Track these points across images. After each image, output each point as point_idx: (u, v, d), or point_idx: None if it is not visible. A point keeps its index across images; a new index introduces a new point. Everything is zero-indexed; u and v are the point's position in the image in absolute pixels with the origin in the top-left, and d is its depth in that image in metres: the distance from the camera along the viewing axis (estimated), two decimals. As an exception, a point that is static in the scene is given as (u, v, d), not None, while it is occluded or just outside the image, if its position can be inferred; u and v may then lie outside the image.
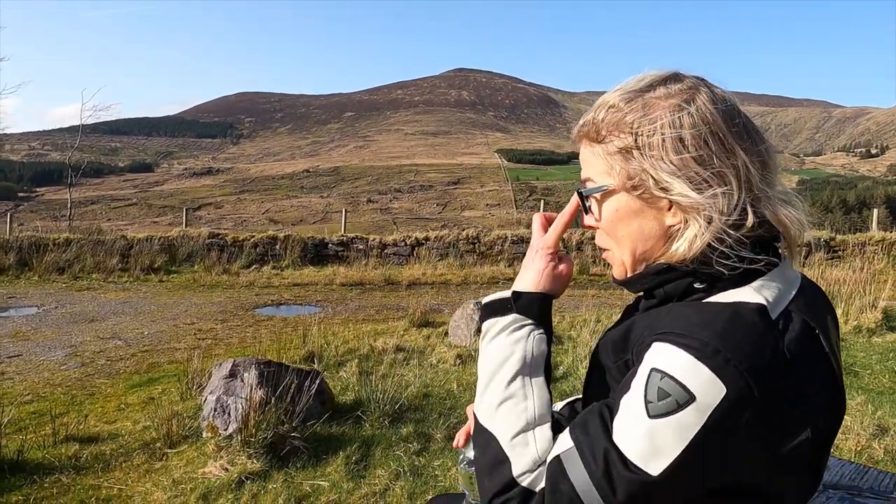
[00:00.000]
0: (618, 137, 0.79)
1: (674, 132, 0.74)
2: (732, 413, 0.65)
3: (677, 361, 0.67)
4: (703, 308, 0.73)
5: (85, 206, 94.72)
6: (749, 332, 0.68)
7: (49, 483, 2.69)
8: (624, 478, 0.67)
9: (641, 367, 0.70)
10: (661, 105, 0.77)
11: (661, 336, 0.70)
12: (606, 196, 0.82)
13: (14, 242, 10.53)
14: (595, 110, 0.83)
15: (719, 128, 0.75)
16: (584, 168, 0.85)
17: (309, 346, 4.84)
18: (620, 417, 0.70)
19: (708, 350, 0.66)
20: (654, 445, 0.66)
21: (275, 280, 10.32)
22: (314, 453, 2.93)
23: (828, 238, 11.94)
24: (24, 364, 4.83)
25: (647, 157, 0.76)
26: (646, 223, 0.79)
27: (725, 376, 0.65)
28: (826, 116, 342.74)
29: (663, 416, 0.66)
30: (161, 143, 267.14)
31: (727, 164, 0.74)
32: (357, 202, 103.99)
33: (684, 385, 0.65)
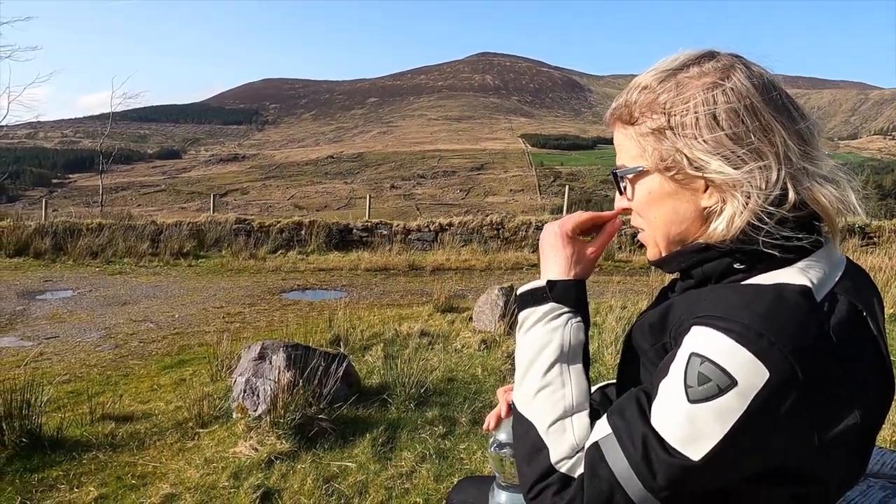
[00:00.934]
0: (650, 118, 0.78)
1: (707, 110, 0.73)
2: (776, 397, 0.63)
3: (718, 345, 0.66)
4: (744, 290, 0.72)
5: (116, 193, 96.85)
6: (793, 314, 0.67)
7: (87, 459, 2.79)
8: (664, 462, 0.66)
9: (681, 351, 0.69)
10: (694, 84, 0.75)
11: (701, 319, 0.69)
12: (640, 178, 0.81)
13: (49, 228, 10.83)
14: (628, 92, 0.82)
15: (755, 104, 0.73)
16: (619, 151, 0.85)
17: (335, 329, 4.90)
18: (659, 402, 0.69)
19: (750, 334, 0.65)
20: (695, 430, 0.65)
21: (300, 265, 10.44)
22: (341, 435, 2.97)
23: (863, 224, 11.61)
24: (62, 345, 4.98)
25: (680, 136, 0.75)
26: (680, 205, 0.78)
27: (768, 360, 0.63)
28: (863, 98, 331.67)
29: (704, 401, 0.65)
30: (188, 130, 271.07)
31: (764, 140, 0.72)
32: (381, 188, 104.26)
33: (725, 369, 0.64)
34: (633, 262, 10.82)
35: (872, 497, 1.17)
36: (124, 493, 2.50)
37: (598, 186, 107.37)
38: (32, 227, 10.74)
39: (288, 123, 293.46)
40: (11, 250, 10.14)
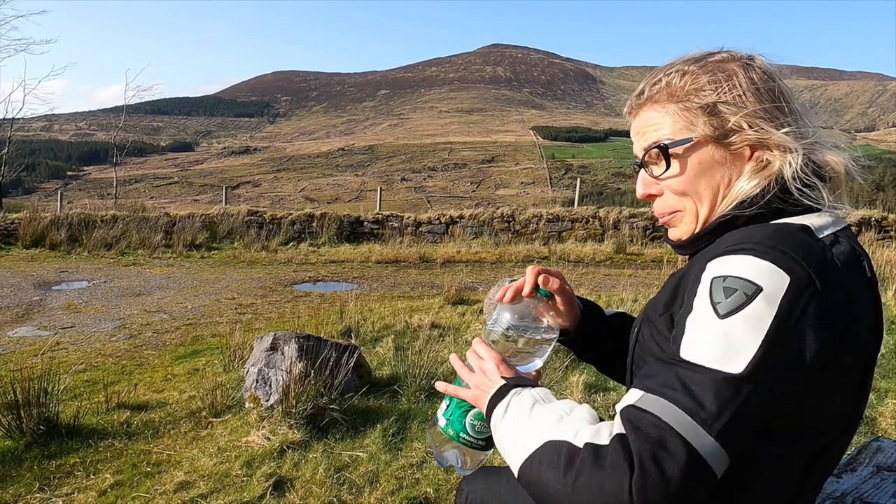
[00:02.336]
0: (697, 95, 0.82)
1: (752, 85, 0.81)
2: (800, 300, 0.65)
3: (736, 263, 0.69)
4: (749, 228, 0.77)
5: (129, 185, 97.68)
6: (798, 237, 0.71)
7: (103, 447, 2.83)
8: (705, 383, 0.64)
9: (701, 287, 0.71)
10: (731, 66, 0.83)
11: (713, 258, 0.72)
12: (689, 150, 0.83)
13: (65, 219, 10.95)
14: (663, 76, 0.86)
15: (779, 82, 0.83)
16: (650, 131, 0.86)
17: (346, 321, 4.92)
18: (689, 334, 0.69)
19: (763, 247, 0.68)
20: (731, 344, 0.65)
21: (312, 257, 10.49)
22: (352, 425, 3.00)
23: (879, 217, 11.43)
24: (77, 335, 5.05)
25: (734, 107, 0.80)
26: (725, 172, 0.82)
27: (785, 265, 0.67)
28: (881, 90, 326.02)
29: (735, 312, 0.65)
30: (200, 123, 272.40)
31: (791, 109, 0.82)
32: (391, 181, 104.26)
33: (748, 278, 0.66)
34: (645, 255, 10.75)
35: (886, 490, 1.17)
36: (139, 481, 2.53)
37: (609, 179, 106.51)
38: (48, 218, 10.87)
39: (299, 116, 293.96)
40: (28, 241, 10.28)
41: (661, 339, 0.79)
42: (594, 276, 8.40)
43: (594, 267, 9.58)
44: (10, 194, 48.32)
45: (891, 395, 3.34)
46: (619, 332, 1.06)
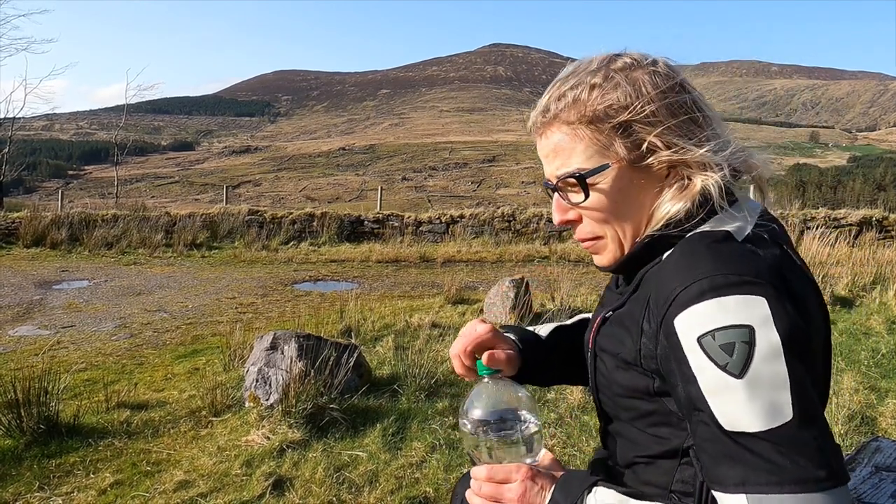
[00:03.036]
0: (609, 114, 0.77)
1: (663, 98, 0.76)
2: (783, 310, 0.65)
3: (706, 314, 0.65)
4: (678, 254, 0.74)
5: (130, 184, 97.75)
6: (734, 252, 0.70)
7: (103, 446, 2.83)
8: (782, 447, 0.61)
9: (687, 351, 0.66)
10: (638, 76, 0.78)
11: (671, 310, 0.68)
12: (605, 176, 0.78)
13: (66, 218, 10.97)
14: (569, 91, 0.80)
15: (689, 88, 0.79)
16: (562, 157, 0.81)
17: (346, 320, 4.92)
18: (718, 406, 0.64)
19: (717, 282, 0.66)
20: (767, 398, 0.62)
21: (312, 256, 10.49)
22: (352, 425, 3.00)
23: (880, 217, 11.42)
24: (78, 334, 5.06)
25: (647, 125, 0.76)
26: (645, 195, 0.79)
27: (748, 290, 0.65)
28: (882, 89, 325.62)
29: (749, 364, 0.62)
30: (201, 122, 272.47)
31: (706, 118, 0.79)
32: (392, 180, 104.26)
33: (732, 324, 0.63)
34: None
35: (885, 490, 1.17)
36: (139, 480, 2.54)
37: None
38: (49, 217, 10.88)
39: (300, 115, 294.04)
40: (29, 241, 10.29)
41: (621, 372, 0.79)
42: (594, 275, 8.39)
43: (594, 266, 9.56)
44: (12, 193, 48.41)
45: (891, 395, 3.34)
46: (563, 348, 1.02)
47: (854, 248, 7.99)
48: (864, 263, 6.48)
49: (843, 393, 3.25)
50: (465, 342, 0.88)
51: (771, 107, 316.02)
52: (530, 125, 0.85)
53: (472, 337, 0.88)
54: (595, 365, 0.86)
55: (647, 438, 0.80)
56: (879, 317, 4.84)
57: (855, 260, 6.67)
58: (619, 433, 0.85)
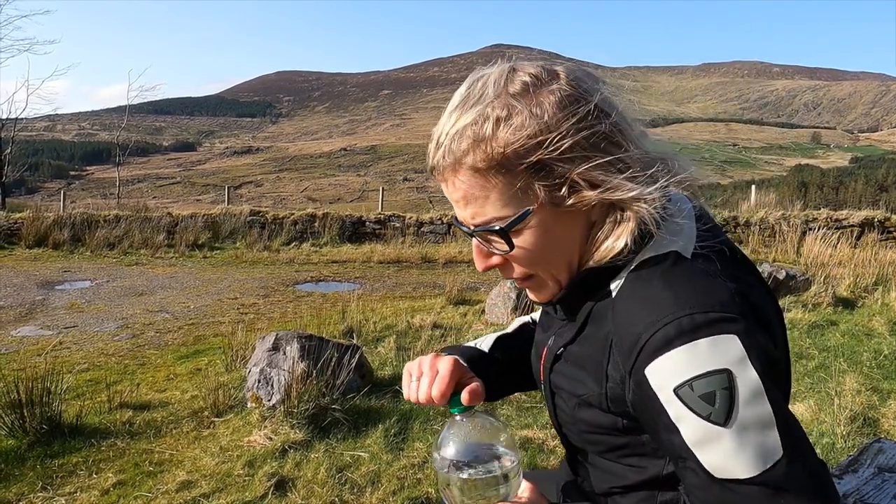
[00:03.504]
0: (520, 155, 0.67)
1: (578, 122, 0.67)
2: (755, 343, 0.62)
3: (678, 361, 0.61)
4: (632, 290, 0.69)
5: (132, 185, 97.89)
6: (689, 280, 0.66)
7: (106, 446, 2.84)
8: (770, 492, 0.59)
9: (664, 403, 0.63)
10: (544, 99, 0.68)
11: (640, 359, 0.64)
12: (528, 221, 0.70)
13: (67, 219, 10.98)
14: (470, 128, 0.69)
15: (601, 105, 0.70)
16: (475, 205, 0.71)
17: (348, 321, 4.93)
18: (705, 456, 0.61)
19: (684, 325, 0.61)
20: (757, 438, 0.60)
21: (314, 257, 10.50)
22: (354, 425, 3.00)
23: (882, 218, 11.40)
24: (80, 335, 5.07)
25: (565, 162, 0.67)
26: (574, 231, 0.72)
27: (717, 328, 0.61)
28: (884, 90, 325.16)
29: (732, 411, 0.59)
30: (203, 123, 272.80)
31: (627, 136, 0.70)
32: (393, 181, 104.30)
33: (710, 370, 0.60)
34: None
35: (887, 491, 1.17)
36: (142, 480, 2.54)
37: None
38: (51, 218, 10.89)
39: (301, 116, 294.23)
40: (31, 241, 10.30)
41: (595, 412, 0.74)
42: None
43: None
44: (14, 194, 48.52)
45: (893, 397, 3.33)
46: (509, 360, 0.99)
47: (856, 249, 7.98)
48: (866, 264, 6.47)
49: (846, 394, 3.24)
50: (442, 387, 0.77)
51: (773, 107, 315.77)
52: (429, 164, 0.74)
53: (446, 377, 0.78)
54: (554, 402, 0.81)
55: (622, 469, 0.76)
56: (881, 318, 4.83)
57: (857, 261, 6.67)
58: (591, 463, 0.81)
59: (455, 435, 0.76)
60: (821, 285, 5.48)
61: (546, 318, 0.90)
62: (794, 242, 9.25)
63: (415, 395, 0.81)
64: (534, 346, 0.93)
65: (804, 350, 4.16)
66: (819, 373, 3.71)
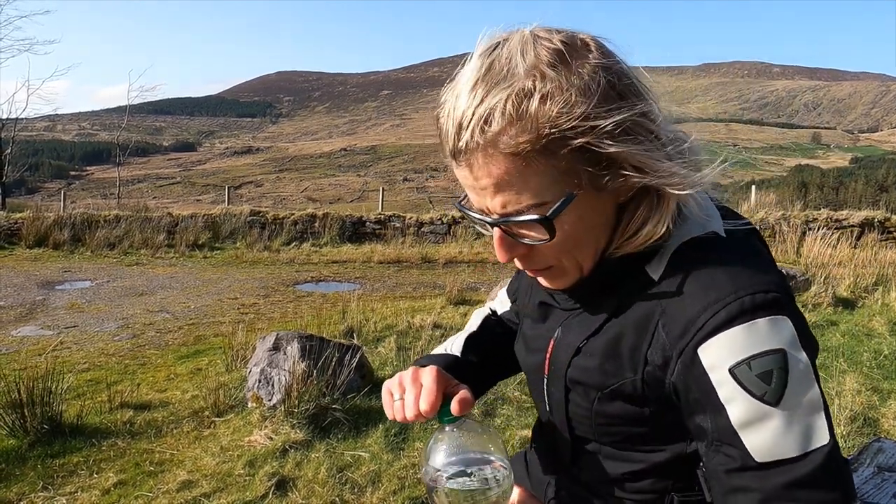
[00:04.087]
0: (565, 132, 0.60)
1: (624, 103, 0.62)
2: (804, 327, 0.63)
3: (737, 341, 0.60)
4: (681, 273, 0.67)
5: (132, 185, 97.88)
6: (742, 261, 0.66)
7: (107, 446, 2.84)
8: (812, 479, 0.59)
9: (716, 384, 0.61)
10: (589, 76, 0.61)
11: (694, 339, 0.62)
12: (568, 207, 0.64)
13: (68, 219, 10.98)
14: (507, 105, 0.60)
15: (633, 77, 0.65)
16: (509, 190, 0.64)
17: (348, 321, 4.93)
18: (747, 440, 0.60)
19: (746, 305, 0.61)
20: (804, 422, 0.59)
21: (314, 257, 10.50)
22: (354, 425, 3.00)
23: (882, 218, 11.40)
24: (81, 335, 5.07)
25: (611, 142, 0.61)
26: (607, 214, 0.68)
27: (774, 308, 0.61)
28: (884, 90, 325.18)
29: (784, 391, 0.59)
30: (203, 123, 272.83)
31: (659, 116, 0.66)
32: (393, 181, 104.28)
33: (765, 350, 0.59)
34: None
35: (887, 490, 1.17)
36: (142, 480, 2.54)
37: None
38: (51, 218, 10.90)
39: (301, 116, 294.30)
40: (31, 241, 10.31)
41: (620, 405, 0.72)
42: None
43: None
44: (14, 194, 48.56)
45: (893, 397, 3.34)
46: (482, 361, 0.96)
47: (856, 249, 7.99)
48: (867, 265, 6.48)
49: (846, 394, 3.25)
50: (431, 399, 0.72)
51: (773, 108, 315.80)
52: (448, 148, 0.65)
53: (433, 389, 0.73)
54: (567, 397, 0.77)
55: (637, 455, 0.75)
56: (882, 318, 4.84)
57: (857, 261, 6.67)
58: (599, 453, 0.79)
59: (445, 445, 0.73)
60: (821, 285, 5.48)
61: (539, 310, 0.84)
62: (794, 242, 9.25)
63: (401, 414, 0.75)
64: (523, 340, 0.89)
65: (804, 350, 4.17)
66: (819, 373, 3.71)
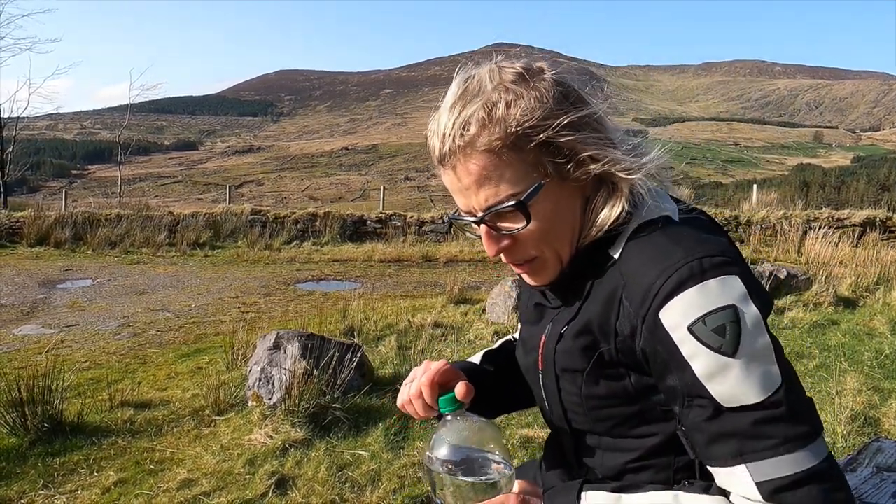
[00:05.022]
0: (530, 130, 0.73)
1: (571, 107, 0.75)
2: (754, 283, 0.70)
3: (691, 300, 0.67)
4: (636, 249, 0.75)
5: (133, 184, 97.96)
6: (689, 234, 0.73)
7: (107, 445, 2.85)
8: (776, 414, 0.65)
9: (676, 341, 0.68)
10: (541, 85, 0.75)
11: (654, 304, 0.69)
12: (540, 195, 0.75)
13: (69, 218, 11.01)
14: (482, 112, 0.73)
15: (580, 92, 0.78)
16: (489, 185, 0.75)
17: (349, 320, 4.94)
18: (713, 391, 0.67)
19: (695, 268, 0.68)
20: (760, 368, 0.66)
21: (315, 256, 10.51)
22: (354, 424, 3.01)
23: (884, 217, 11.39)
24: (82, 333, 5.08)
25: (568, 138, 0.74)
26: (576, 204, 0.79)
27: (722, 270, 0.68)
28: (886, 89, 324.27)
29: (740, 343, 0.66)
30: (204, 122, 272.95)
31: (601, 121, 0.78)
32: (395, 180, 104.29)
33: (720, 306, 0.66)
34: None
35: (886, 490, 1.17)
36: (143, 478, 2.55)
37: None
38: (53, 217, 10.92)
39: (303, 115, 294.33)
40: (33, 240, 10.33)
41: (605, 382, 0.77)
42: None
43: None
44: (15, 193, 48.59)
45: (894, 396, 3.33)
46: (500, 373, 1.01)
47: (857, 248, 7.97)
48: (868, 264, 6.47)
49: (846, 394, 3.24)
50: (430, 375, 0.82)
51: (774, 107, 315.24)
52: (436, 155, 0.77)
53: (433, 371, 0.83)
54: (559, 386, 0.83)
55: (632, 442, 0.78)
56: (883, 317, 4.83)
57: (858, 260, 6.66)
58: (599, 446, 0.83)
59: (447, 435, 0.76)
60: (822, 285, 5.48)
61: (535, 312, 0.92)
62: (796, 242, 9.25)
63: (405, 396, 0.85)
64: (521, 344, 0.96)
65: (805, 349, 4.16)
66: (820, 372, 3.71)
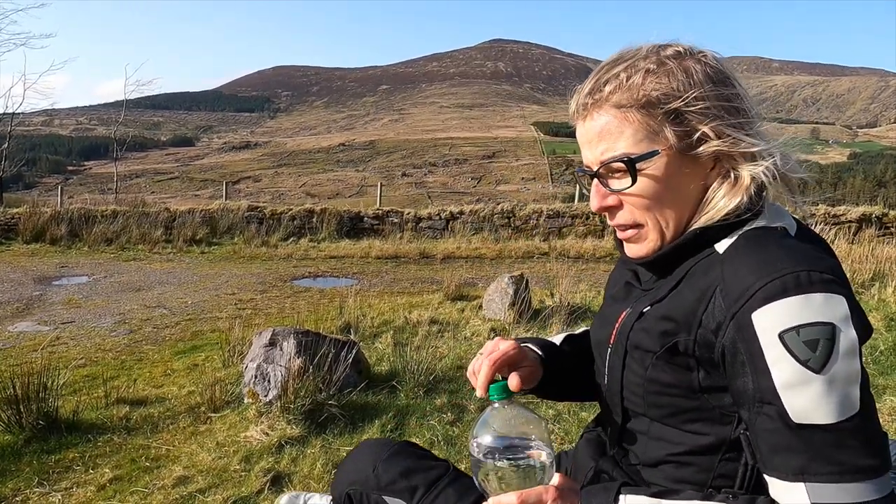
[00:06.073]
0: (661, 100, 0.76)
1: (714, 88, 0.77)
2: (858, 309, 0.68)
3: (790, 309, 0.66)
4: (745, 248, 0.74)
5: (130, 180, 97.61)
6: (804, 249, 0.72)
7: (103, 442, 2.84)
8: (841, 441, 0.64)
9: (764, 345, 0.67)
10: (690, 65, 0.78)
11: (748, 304, 0.68)
12: (654, 163, 0.77)
13: (65, 214, 10.96)
14: (621, 72, 0.78)
15: (735, 81, 0.80)
16: (608, 140, 0.79)
17: (345, 317, 4.93)
18: (787, 402, 0.65)
19: (802, 279, 0.67)
20: (841, 391, 0.64)
21: (312, 252, 10.49)
22: (350, 421, 3.00)
23: (880, 214, 11.42)
24: (77, 330, 5.06)
25: (699, 114, 0.76)
26: (693, 185, 0.79)
27: (830, 288, 0.67)
28: (883, 86, 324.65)
29: (829, 362, 0.64)
30: (201, 118, 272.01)
31: (747, 111, 0.79)
32: (392, 176, 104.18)
33: (818, 321, 0.65)
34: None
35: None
36: (138, 475, 2.54)
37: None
38: (48, 213, 10.87)
39: (300, 111, 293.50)
40: (28, 236, 10.28)
41: (664, 365, 0.77)
42: (594, 272, 8.41)
43: (594, 263, 9.59)
44: (11, 189, 48.34)
45: (889, 392, 3.34)
46: (577, 356, 1.01)
47: (853, 244, 7.99)
48: (863, 260, 6.48)
49: (841, 390, 3.25)
50: (495, 356, 0.83)
51: (772, 103, 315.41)
52: (573, 108, 0.83)
53: (500, 352, 0.84)
54: (624, 362, 0.83)
55: (681, 435, 0.78)
56: (878, 314, 4.84)
57: (854, 257, 6.67)
58: (646, 432, 0.82)
59: (494, 422, 0.78)
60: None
61: (623, 290, 0.92)
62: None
63: (471, 369, 0.87)
64: (598, 317, 0.96)
65: (801, 346, 4.17)
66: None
